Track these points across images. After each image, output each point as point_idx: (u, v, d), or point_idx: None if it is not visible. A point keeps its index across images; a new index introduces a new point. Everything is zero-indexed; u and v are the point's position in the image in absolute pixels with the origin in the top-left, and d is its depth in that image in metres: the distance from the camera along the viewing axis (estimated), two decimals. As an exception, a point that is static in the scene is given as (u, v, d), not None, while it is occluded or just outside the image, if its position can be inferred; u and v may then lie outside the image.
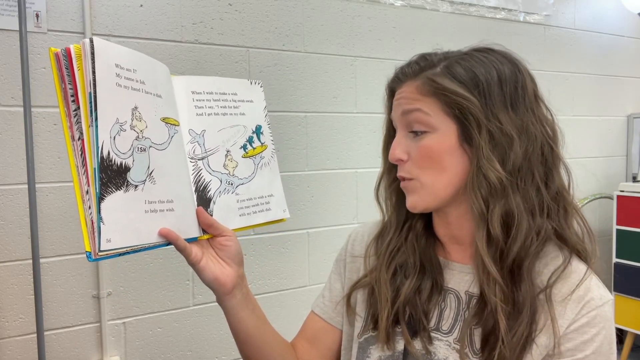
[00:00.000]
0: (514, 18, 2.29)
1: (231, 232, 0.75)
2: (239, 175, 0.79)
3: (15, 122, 1.43)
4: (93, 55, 0.60)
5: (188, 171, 0.73)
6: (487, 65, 0.70)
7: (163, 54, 1.60)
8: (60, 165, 1.49)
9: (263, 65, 1.76)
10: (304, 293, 1.86)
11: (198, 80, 0.78)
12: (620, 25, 2.64)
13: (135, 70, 0.65)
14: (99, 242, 0.58)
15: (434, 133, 0.70)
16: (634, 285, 2.29)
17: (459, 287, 0.75)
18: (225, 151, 0.78)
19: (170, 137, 0.70)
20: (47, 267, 1.48)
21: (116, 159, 0.61)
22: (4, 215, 1.44)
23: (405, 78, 0.74)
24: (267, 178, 0.82)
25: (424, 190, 0.72)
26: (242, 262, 0.76)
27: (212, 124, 0.77)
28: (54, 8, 1.45)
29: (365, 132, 1.95)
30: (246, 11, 1.72)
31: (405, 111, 0.72)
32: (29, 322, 1.47)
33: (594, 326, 0.67)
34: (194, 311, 1.67)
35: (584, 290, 0.68)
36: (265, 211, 0.82)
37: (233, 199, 0.77)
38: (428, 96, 0.70)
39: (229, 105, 0.80)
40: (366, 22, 1.93)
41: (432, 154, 0.70)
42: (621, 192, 2.36)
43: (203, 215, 0.72)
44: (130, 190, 0.62)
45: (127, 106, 0.63)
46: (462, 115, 0.68)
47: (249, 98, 0.82)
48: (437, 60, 0.72)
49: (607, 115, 2.64)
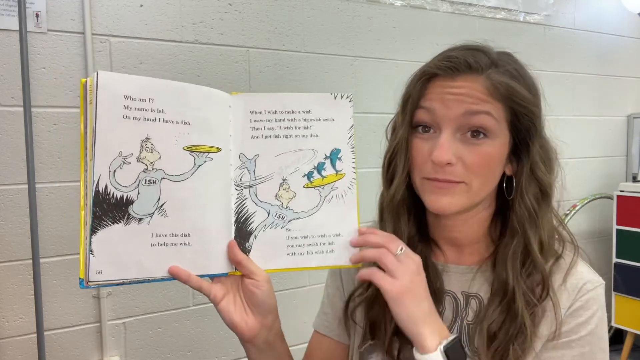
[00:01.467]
0: (514, 18, 2.29)
1: (262, 277, 0.67)
2: (294, 208, 0.69)
3: (15, 122, 1.43)
4: (97, 88, 0.59)
5: (228, 200, 0.68)
6: (529, 73, 0.72)
7: (163, 54, 1.60)
8: (60, 165, 1.49)
9: (263, 65, 1.76)
10: (304, 293, 1.86)
11: (260, 97, 0.70)
12: (620, 25, 2.64)
13: (152, 99, 0.63)
14: (87, 273, 0.58)
15: (493, 140, 0.67)
16: (634, 285, 2.29)
17: (456, 288, 0.75)
18: (280, 179, 0.70)
19: (195, 166, 0.65)
20: (47, 267, 1.48)
21: (115, 192, 0.60)
22: (4, 215, 1.44)
23: (467, 70, 0.67)
24: (336, 214, 0.70)
25: (467, 195, 0.68)
26: (271, 312, 0.69)
27: (268, 148, 0.69)
28: (54, 8, 1.45)
29: (366, 132, 1.95)
30: (246, 11, 1.72)
31: (471, 112, 0.66)
32: (29, 322, 1.47)
33: (587, 309, 0.68)
34: (194, 311, 1.67)
35: (577, 277, 0.70)
36: (325, 253, 0.69)
37: (282, 234, 0.69)
38: (497, 100, 0.66)
39: (296, 126, 0.70)
40: (366, 22, 1.93)
41: (492, 162, 0.68)
42: (621, 192, 2.36)
43: (232, 250, 0.66)
44: (132, 223, 0.61)
45: (136, 138, 0.62)
46: (523, 124, 0.69)
47: (329, 116, 0.72)
48: (495, 58, 0.69)
49: (607, 115, 2.64)
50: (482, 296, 0.73)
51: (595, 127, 2.60)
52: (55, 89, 1.47)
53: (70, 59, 1.48)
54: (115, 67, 1.53)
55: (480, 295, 0.73)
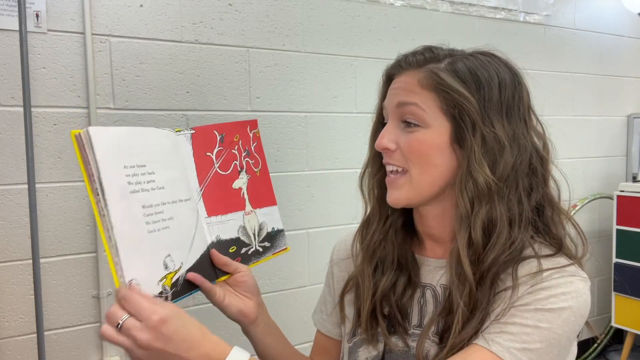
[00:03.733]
0: (514, 18, 2.29)
1: (246, 268, 0.81)
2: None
3: (15, 122, 1.43)
4: (91, 144, 0.64)
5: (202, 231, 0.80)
6: (489, 69, 0.70)
7: (163, 54, 1.60)
8: (60, 165, 1.49)
9: (263, 65, 1.76)
10: (304, 293, 1.86)
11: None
12: (620, 25, 2.64)
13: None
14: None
15: (426, 129, 0.70)
16: (634, 285, 2.29)
17: (434, 281, 0.76)
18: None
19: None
20: (47, 267, 1.48)
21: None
22: (4, 215, 1.44)
23: (407, 67, 0.73)
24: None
25: (410, 186, 0.71)
26: (259, 292, 0.82)
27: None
28: (54, 8, 1.45)
29: (365, 132, 1.94)
30: (246, 11, 1.72)
31: (401, 103, 0.71)
32: (29, 322, 1.47)
33: (549, 289, 0.64)
34: (194, 311, 1.67)
35: (549, 271, 0.66)
36: None
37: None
38: (428, 90, 0.69)
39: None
40: (366, 22, 1.93)
41: (422, 148, 0.70)
42: (621, 192, 2.36)
43: (216, 256, 0.78)
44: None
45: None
46: (459, 115, 0.68)
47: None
48: (443, 55, 0.72)
49: (607, 115, 2.64)
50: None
51: (595, 127, 2.60)
52: (55, 89, 1.47)
53: (70, 59, 1.48)
54: (115, 67, 1.53)
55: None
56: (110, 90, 1.53)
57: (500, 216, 0.67)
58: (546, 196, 0.72)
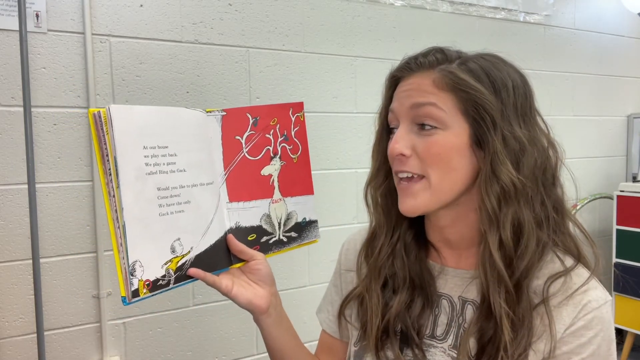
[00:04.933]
0: (514, 18, 2.29)
1: (261, 256, 0.79)
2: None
3: (15, 122, 1.43)
4: (111, 122, 0.62)
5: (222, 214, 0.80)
6: (501, 71, 0.69)
7: (163, 54, 1.60)
8: (60, 165, 1.49)
9: (263, 65, 1.76)
10: (304, 293, 1.86)
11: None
12: (620, 25, 2.64)
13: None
14: (128, 292, 0.65)
15: (444, 130, 0.67)
16: (634, 285, 2.29)
17: (453, 292, 0.73)
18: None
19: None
20: (47, 267, 1.48)
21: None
22: (4, 215, 1.44)
23: (418, 68, 0.70)
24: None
25: (429, 192, 0.68)
26: (274, 282, 0.80)
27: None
28: (54, 8, 1.45)
29: (365, 132, 1.95)
30: (246, 11, 1.72)
31: (417, 104, 0.68)
32: (29, 322, 1.47)
33: (590, 329, 0.65)
34: (194, 311, 1.67)
35: (581, 292, 0.66)
36: None
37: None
38: (444, 91, 0.67)
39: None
40: (366, 22, 1.93)
41: (442, 151, 0.67)
42: (621, 192, 2.36)
43: (232, 242, 0.76)
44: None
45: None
46: (477, 114, 0.66)
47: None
48: (454, 56, 0.70)
49: (607, 115, 2.64)
50: (478, 302, 0.70)
51: (595, 127, 2.60)
52: (55, 89, 1.47)
53: (70, 59, 1.48)
54: (115, 67, 1.53)
55: (476, 302, 0.71)
56: (110, 90, 1.53)
57: (528, 219, 0.66)
58: (557, 198, 0.70)
